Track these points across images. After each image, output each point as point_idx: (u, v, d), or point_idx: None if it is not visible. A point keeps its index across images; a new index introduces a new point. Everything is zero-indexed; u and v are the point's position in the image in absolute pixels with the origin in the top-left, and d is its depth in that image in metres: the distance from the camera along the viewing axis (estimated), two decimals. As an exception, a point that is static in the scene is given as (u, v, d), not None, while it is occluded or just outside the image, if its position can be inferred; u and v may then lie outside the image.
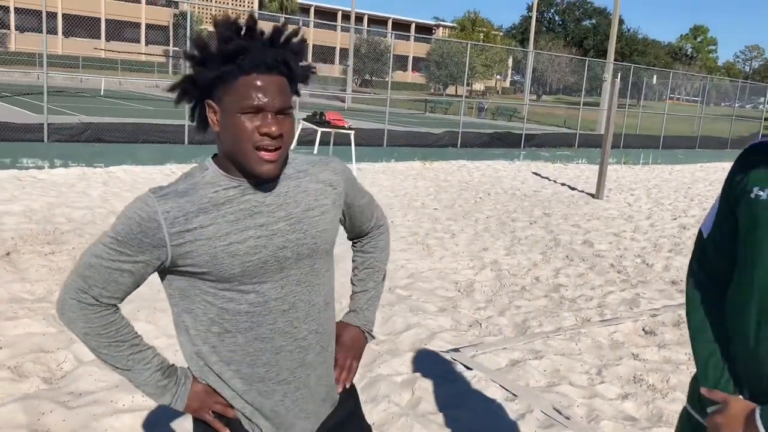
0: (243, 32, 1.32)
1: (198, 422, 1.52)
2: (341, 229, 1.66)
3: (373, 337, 1.77)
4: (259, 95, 1.31)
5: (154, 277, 1.44)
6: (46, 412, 3.05)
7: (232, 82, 1.32)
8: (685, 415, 1.64)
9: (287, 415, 1.50)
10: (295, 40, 1.37)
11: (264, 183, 1.42)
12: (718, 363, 1.48)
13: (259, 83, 1.31)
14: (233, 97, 1.32)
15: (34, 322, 4.06)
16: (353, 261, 1.81)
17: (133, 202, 1.37)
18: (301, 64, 1.40)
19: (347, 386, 1.67)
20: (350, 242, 1.81)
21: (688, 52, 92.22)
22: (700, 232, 1.58)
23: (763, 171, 1.40)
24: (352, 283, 1.79)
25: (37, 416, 3.01)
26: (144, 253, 1.35)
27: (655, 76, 32.90)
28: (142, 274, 1.39)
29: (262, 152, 1.34)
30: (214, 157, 1.46)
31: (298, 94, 1.45)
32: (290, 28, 1.39)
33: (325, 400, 1.59)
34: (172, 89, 1.40)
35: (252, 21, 1.33)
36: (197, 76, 1.35)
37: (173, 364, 1.49)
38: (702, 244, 1.57)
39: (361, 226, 1.73)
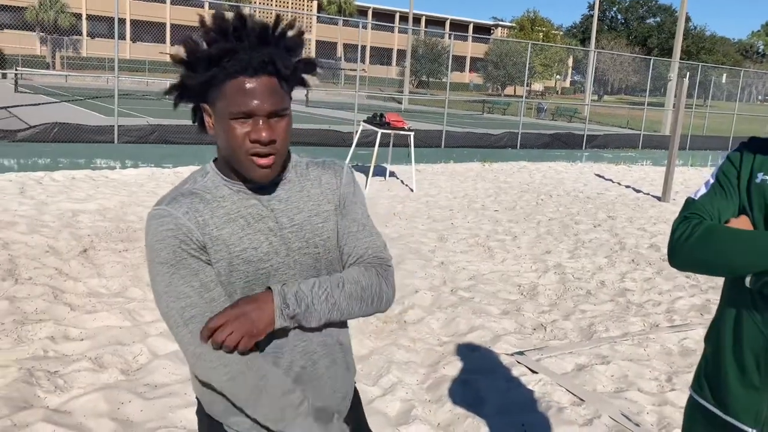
0: (231, 32, 1.23)
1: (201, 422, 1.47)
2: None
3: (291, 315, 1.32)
4: (247, 100, 1.23)
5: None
6: (125, 402, 3.18)
7: (221, 86, 1.24)
8: (693, 404, 1.66)
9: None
10: (290, 34, 1.28)
11: (264, 188, 1.36)
12: None
13: (246, 87, 1.23)
14: (223, 102, 1.25)
15: (111, 316, 4.23)
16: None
17: (150, 226, 1.28)
18: (296, 60, 1.30)
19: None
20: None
21: (760, 50, 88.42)
22: (689, 198, 1.60)
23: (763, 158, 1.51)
24: None
25: (117, 405, 3.15)
26: (200, 257, 1.29)
27: (724, 75, 31.71)
28: (216, 274, 1.31)
29: (256, 158, 1.27)
30: (215, 161, 1.40)
31: (300, 87, 1.35)
32: (285, 21, 1.29)
33: (328, 412, 1.45)
34: (168, 92, 1.32)
35: (239, 19, 1.24)
36: (186, 80, 1.28)
37: None
38: (690, 203, 1.57)
39: (343, 248, 1.45)
